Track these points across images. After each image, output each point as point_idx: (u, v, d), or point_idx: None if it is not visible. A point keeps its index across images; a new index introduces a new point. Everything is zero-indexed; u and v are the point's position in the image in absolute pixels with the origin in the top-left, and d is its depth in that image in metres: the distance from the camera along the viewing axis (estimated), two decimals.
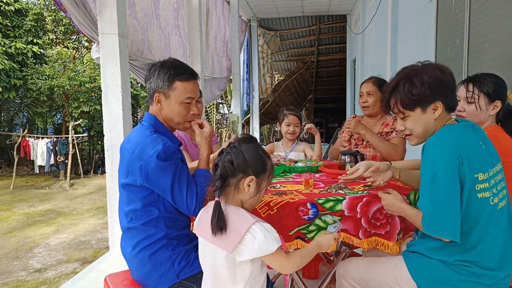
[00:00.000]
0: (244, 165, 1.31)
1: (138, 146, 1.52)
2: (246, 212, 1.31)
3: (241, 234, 1.24)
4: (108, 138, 2.98)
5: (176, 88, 1.60)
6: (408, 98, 1.44)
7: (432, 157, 1.35)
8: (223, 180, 1.31)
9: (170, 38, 5.02)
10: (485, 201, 1.34)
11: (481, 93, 1.77)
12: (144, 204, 1.54)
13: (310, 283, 2.38)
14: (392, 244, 1.60)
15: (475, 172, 1.33)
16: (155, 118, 1.64)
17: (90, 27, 3.18)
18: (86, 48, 12.95)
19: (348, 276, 1.62)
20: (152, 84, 1.61)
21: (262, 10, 9.80)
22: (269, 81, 11.66)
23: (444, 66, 1.46)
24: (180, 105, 1.62)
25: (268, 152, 1.41)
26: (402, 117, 1.50)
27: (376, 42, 6.80)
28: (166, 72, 1.59)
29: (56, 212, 7.50)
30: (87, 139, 12.82)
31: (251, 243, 1.23)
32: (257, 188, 1.33)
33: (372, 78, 2.60)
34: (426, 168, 1.36)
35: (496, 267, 1.35)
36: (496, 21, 2.58)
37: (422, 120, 1.46)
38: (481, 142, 1.40)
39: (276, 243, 1.25)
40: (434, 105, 1.43)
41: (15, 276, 4.65)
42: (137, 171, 1.50)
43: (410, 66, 1.51)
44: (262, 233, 1.24)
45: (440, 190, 1.31)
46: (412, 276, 1.43)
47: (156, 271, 1.54)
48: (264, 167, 1.35)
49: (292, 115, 2.81)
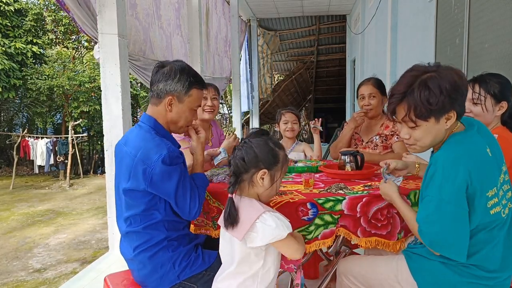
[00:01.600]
0: (255, 160, 1.36)
1: (140, 150, 1.50)
2: (258, 203, 1.37)
3: (251, 222, 1.30)
4: (107, 138, 2.98)
5: (192, 95, 1.63)
6: (425, 107, 1.28)
7: (439, 179, 1.28)
8: (237, 176, 1.37)
9: (172, 38, 5.03)
10: (497, 215, 1.32)
11: (487, 94, 1.74)
12: (145, 208, 1.53)
13: (310, 283, 2.38)
14: (393, 243, 1.60)
15: (486, 190, 1.28)
16: (155, 120, 1.62)
17: (93, 27, 3.18)
18: (86, 48, 12.95)
19: (349, 273, 1.62)
20: (168, 86, 1.59)
21: (262, 10, 9.80)
22: (268, 81, 11.66)
23: (459, 70, 1.34)
24: (190, 111, 1.66)
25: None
26: (413, 126, 1.35)
27: (376, 42, 6.80)
28: (187, 78, 1.61)
29: (56, 212, 7.50)
30: (86, 139, 12.81)
31: (262, 230, 1.30)
32: (271, 180, 1.38)
33: (371, 80, 2.58)
34: (432, 189, 1.30)
35: (497, 269, 1.34)
36: (496, 21, 2.58)
37: (434, 130, 1.33)
38: (488, 149, 1.34)
39: (287, 229, 1.32)
40: (448, 115, 1.31)
41: (15, 276, 4.65)
42: (140, 176, 1.48)
43: (422, 68, 1.35)
44: (273, 221, 1.31)
45: (446, 215, 1.26)
46: (413, 276, 1.43)
47: (157, 272, 1.54)
48: (276, 158, 1.39)
49: (289, 113, 2.81)
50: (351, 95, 10.45)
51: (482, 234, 1.32)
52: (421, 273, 1.42)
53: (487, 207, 1.29)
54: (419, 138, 1.36)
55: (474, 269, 1.33)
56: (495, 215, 1.31)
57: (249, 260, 1.36)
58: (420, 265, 1.43)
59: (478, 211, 1.28)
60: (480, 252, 1.32)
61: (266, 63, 11.36)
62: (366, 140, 2.61)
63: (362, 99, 2.56)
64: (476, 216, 1.29)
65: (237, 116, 8.12)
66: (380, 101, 2.54)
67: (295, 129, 2.81)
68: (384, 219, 1.59)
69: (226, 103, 15.46)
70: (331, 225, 1.57)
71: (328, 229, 1.57)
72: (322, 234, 1.57)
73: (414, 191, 1.65)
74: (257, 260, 1.36)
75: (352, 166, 2.05)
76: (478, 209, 1.28)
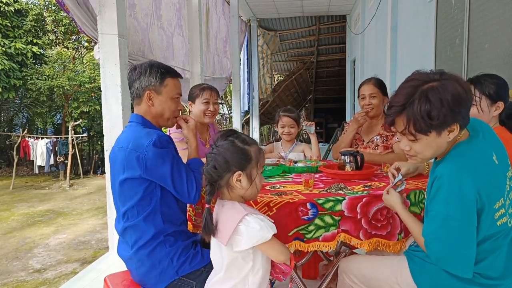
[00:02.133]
0: (226, 165, 1.33)
1: (131, 141, 1.54)
2: (240, 206, 1.34)
3: (234, 225, 1.28)
4: (107, 138, 2.98)
5: (168, 84, 1.68)
6: (425, 121, 1.21)
7: (445, 194, 1.22)
8: (212, 185, 1.36)
9: (174, 38, 5.03)
10: (503, 226, 1.30)
11: (482, 95, 1.74)
12: (141, 197, 1.55)
13: (309, 283, 2.37)
14: (393, 243, 1.59)
15: (494, 203, 1.24)
16: (142, 117, 1.68)
17: (93, 27, 3.18)
18: (86, 48, 12.95)
19: (350, 273, 1.62)
20: (142, 82, 1.66)
21: (262, 10, 9.80)
22: (268, 81, 11.66)
23: (462, 79, 1.26)
24: (171, 101, 1.70)
25: (267, 152, 1.44)
26: (413, 139, 1.28)
27: (375, 42, 6.80)
28: (157, 70, 1.67)
29: (56, 213, 7.50)
30: (86, 139, 12.82)
31: (246, 233, 1.28)
32: (249, 180, 1.35)
33: (371, 80, 2.59)
34: (438, 204, 1.24)
35: (499, 277, 1.33)
36: (496, 22, 2.58)
37: (435, 143, 1.26)
38: (494, 157, 1.30)
39: (271, 230, 1.30)
40: (450, 128, 1.24)
41: (15, 277, 4.65)
42: (135, 163, 1.51)
43: (423, 76, 1.27)
44: (256, 223, 1.29)
45: (453, 232, 1.22)
46: (414, 280, 1.42)
47: (156, 269, 1.54)
48: (247, 157, 1.35)
49: (286, 117, 2.80)
50: (351, 95, 10.44)
51: (487, 244, 1.29)
52: (422, 276, 1.41)
53: (494, 218, 1.26)
54: (420, 151, 1.30)
55: (477, 277, 1.31)
56: (502, 226, 1.29)
57: (237, 264, 1.35)
58: (421, 268, 1.42)
59: (485, 223, 1.25)
60: (484, 261, 1.30)
61: (266, 63, 11.37)
62: (367, 140, 2.61)
63: (363, 99, 2.56)
64: (483, 229, 1.26)
65: (237, 116, 8.12)
66: (381, 101, 2.54)
67: (292, 132, 2.81)
68: (383, 219, 1.59)
69: (226, 103, 15.46)
70: (332, 227, 1.56)
71: (329, 232, 1.56)
72: (323, 236, 1.56)
73: (414, 191, 1.65)
74: (245, 263, 1.35)
75: (352, 166, 2.05)
76: (485, 222, 1.25)
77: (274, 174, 2.15)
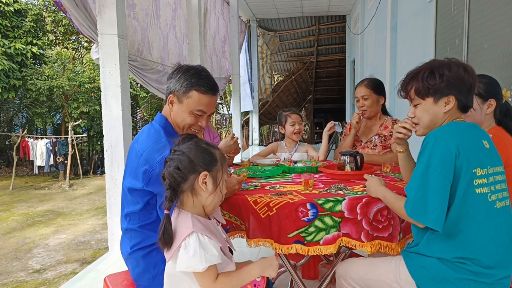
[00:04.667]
0: (191, 165, 1.23)
1: (146, 151, 1.52)
2: (191, 221, 1.22)
3: (178, 243, 1.19)
4: (107, 138, 2.98)
5: (191, 97, 1.60)
6: (423, 86, 1.46)
7: (430, 148, 1.37)
8: (175, 189, 1.23)
9: (169, 39, 5.02)
10: (482, 196, 1.35)
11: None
12: (143, 207, 1.54)
13: (309, 283, 2.38)
14: (395, 245, 1.59)
15: (473, 167, 1.34)
16: (166, 119, 1.66)
17: (90, 28, 3.18)
18: (86, 48, 12.94)
19: (347, 276, 1.62)
20: (170, 84, 1.63)
21: (262, 10, 9.81)
22: (268, 82, 11.68)
23: (469, 66, 1.47)
24: (190, 114, 1.62)
25: (269, 151, 1.42)
26: (415, 104, 1.52)
27: (375, 42, 6.80)
28: (187, 78, 1.60)
29: (56, 213, 7.49)
30: (86, 139, 12.80)
31: (181, 256, 1.17)
32: (214, 183, 1.27)
33: (364, 81, 2.60)
34: (422, 157, 1.39)
35: (494, 266, 1.35)
36: (496, 22, 2.58)
37: (432, 110, 1.47)
38: (484, 142, 1.42)
39: (205, 263, 1.15)
40: (447, 99, 1.44)
41: (15, 277, 4.64)
42: (141, 175, 1.50)
43: (438, 60, 1.52)
44: (193, 248, 1.16)
45: (430, 180, 1.33)
46: (412, 275, 1.43)
47: (149, 272, 1.55)
48: (213, 158, 1.28)
49: (294, 114, 2.82)
50: (351, 95, 10.45)
51: (474, 224, 1.34)
52: (418, 271, 1.42)
53: (473, 184, 1.34)
54: (419, 116, 1.50)
55: (470, 265, 1.34)
56: (481, 196, 1.34)
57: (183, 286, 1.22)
58: (418, 262, 1.44)
59: (462, 184, 1.33)
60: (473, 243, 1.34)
61: (266, 63, 11.38)
62: (365, 140, 2.61)
63: (358, 101, 2.60)
64: (460, 189, 1.33)
65: (237, 116, 8.11)
66: (375, 101, 2.54)
67: (302, 129, 2.84)
68: (384, 220, 1.58)
69: (225, 103, 15.45)
70: (333, 229, 1.55)
71: (330, 235, 1.55)
72: (324, 239, 1.55)
73: None
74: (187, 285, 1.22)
75: (351, 167, 2.05)
76: (463, 182, 1.33)
77: (274, 174, 2.15)
